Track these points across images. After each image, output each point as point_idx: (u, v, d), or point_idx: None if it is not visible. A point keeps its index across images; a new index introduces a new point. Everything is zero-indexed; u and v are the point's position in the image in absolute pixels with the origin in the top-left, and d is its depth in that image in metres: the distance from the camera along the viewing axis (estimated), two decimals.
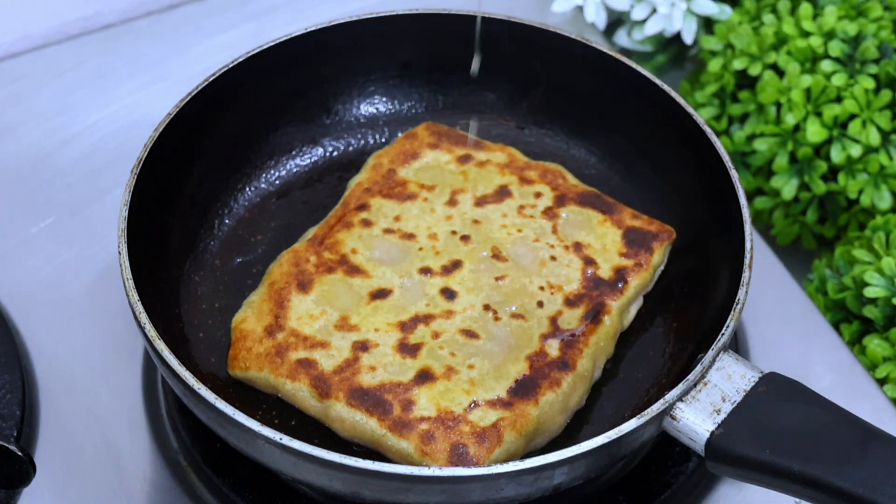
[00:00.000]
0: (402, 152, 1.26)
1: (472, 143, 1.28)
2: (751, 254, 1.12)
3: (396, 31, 1.30)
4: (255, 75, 1.26)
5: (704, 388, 1.06)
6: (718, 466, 1.05)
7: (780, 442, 1.02)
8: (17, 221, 1.34)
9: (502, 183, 1.24)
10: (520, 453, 1.09)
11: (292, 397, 1.12)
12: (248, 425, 1.01)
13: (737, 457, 1.03)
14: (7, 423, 1.17)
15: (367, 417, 1.09)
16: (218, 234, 1.26)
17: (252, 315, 1.15)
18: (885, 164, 1.33)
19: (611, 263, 1.18)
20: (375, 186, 1.24)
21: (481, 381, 1.10)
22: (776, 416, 1.04)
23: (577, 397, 1.13)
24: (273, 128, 1.30)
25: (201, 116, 1.23)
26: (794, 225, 1.40)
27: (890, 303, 1.24)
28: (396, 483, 1.00)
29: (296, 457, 1.01)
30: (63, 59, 1.48)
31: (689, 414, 1.05)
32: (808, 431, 1.02)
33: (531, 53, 1.30)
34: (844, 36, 1.36)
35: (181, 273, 1.21)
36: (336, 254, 1.18)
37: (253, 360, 1.13)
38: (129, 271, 1.09)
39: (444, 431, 1.07)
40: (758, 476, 1.03)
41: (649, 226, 1.21)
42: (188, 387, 1.04)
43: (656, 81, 1.24)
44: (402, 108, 1.35)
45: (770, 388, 1.06)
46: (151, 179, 1.17)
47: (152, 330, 1.07)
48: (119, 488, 1.17)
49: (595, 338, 1.14)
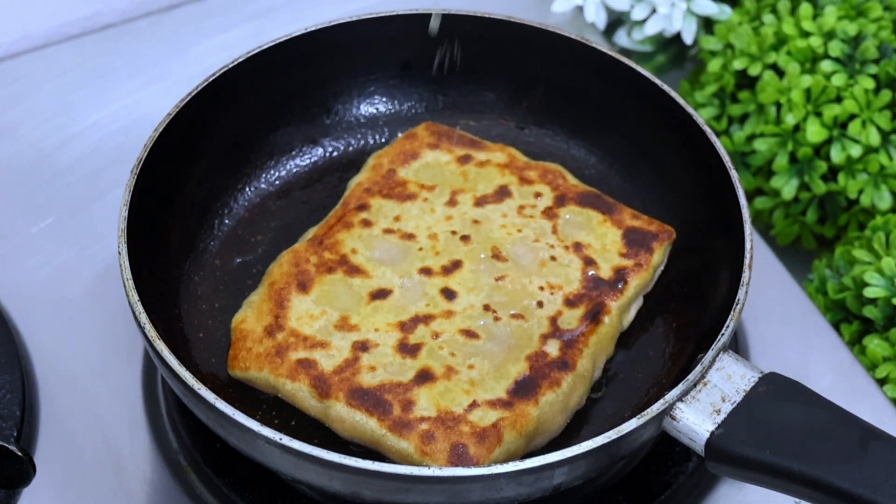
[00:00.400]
0: (402, 152, 1.26)
1: (471, 143, 1.28)
2: (751, 254, 1.12)
3: (396, 32, 1.30)
4: (255, 75, 1.26)
5: (704, 388, 1.06)
6: (718, 466, 1.05)
7: (780, 442, 1.02)
8: (17, 221, 1.34)
9: (502, 183, 1.24)
10: (520, 453, 1.09)
11: (292, 397, 1.12)
12: (248, 425, 1.01)
13: (737, 457, 1.03)
14: (7, 423, 1.17)
15: (367, 417, 1.09)
16: (218, 234, 1.26)
17: (252, 315, 1.15)
18: (885, 164, 1.33)
19: (611, 263, 1.18)
20: (375, 186, 1.24)
21: (481, 382, 1.10)
22: (776, 417, 1.04)
23: (577, 397, 1.13)
24: (273, 128, 1.30)
25: (201, 116, 1.23)
26: (794, 225, 1.40)
27: (890, 303, 1.24)
28: (396, 483, 1.00)
29: (295, 457, 1.01)
30: (63, 59, 1.48)
31: (688, 414, 1.05)
32: (808, 431, 1.02)
33: (531, 53, 1.30)
34: (844, 36, 1.36)
35: (181, 273, 1.21)
36: (336, 254, 1.18)
37: (253, 361, 1.13)
38: (128, 271, 1.09)
39: (444, 431, 1.07)
40: (758, 476, 1.03)
41: (649, 226, 1.21)
42: (188, 387, 1.04)
43: (656, 82, 1.24)
44: (402, 108, 1.35)
45: (770, 388, 1.06)
46: (151, 179, 1.17)
47: (152, 330, 1.07)
48: (119, 488, 1.17)
49: (595, 338, 1.14)
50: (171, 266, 1.20)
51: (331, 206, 1.26)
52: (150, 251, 1.16)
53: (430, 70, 1.33)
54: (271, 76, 1.27)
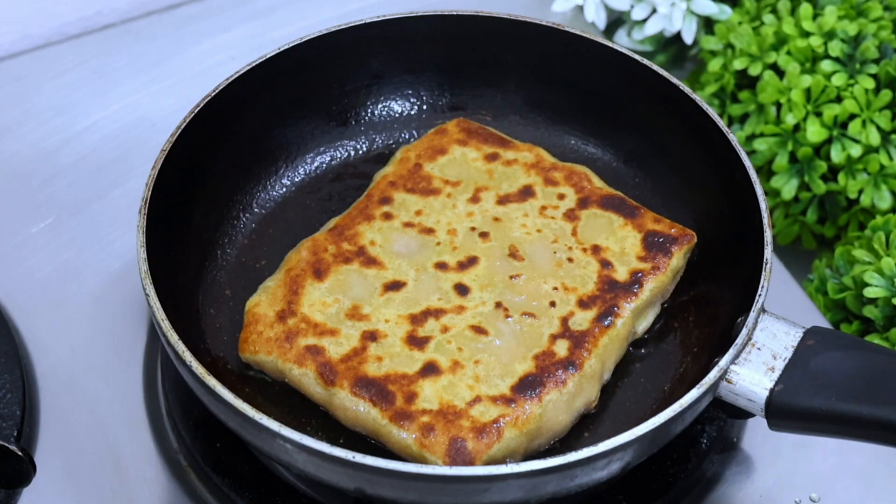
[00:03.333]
0: (431, 147, 1.27)
1: (501, 141, 1.27)
2: (768, 213, 1.13)
3: (409, 33, 1.30)
4: (285, 71, 1.27)
5: (753, 349, 1.07)
6: (782, 423, 1.06)
7: (843, 389, 1.03)
8: (17, 221, 1.34)
9: (527, 183, 1.24)
10: (521, 451, 1.09)
11: (298, 383, 1.12)
12: (268, 424, 1.02)
13: (802, 410, 1.04)
14: (7, 423, 1.17)
15: (369, 407, 1.09)
16: (236, 237, 1.26)
17: (266, 300, 1.16)
18: (885, 164, 1.33)
19: (628, 266, 1.18)
20: (400, 180, 1.24)
21: (486, 378, 1.10)
22: (832, 366, 1.05)
23: (583, 398, 1.12)
24: (285, 126, 1.30)
25: (214, 123, 1.23)
26: (794, 225, 1.40)
27: (890, 303, 1.24)
28: (473, 485, 1.01)
29: (327, 460, 1.01)
30: (63, 59, 1.48)
31: (744, 376, 1.06)
32: (867, 376, 1.03)
33: (552, 54, 1.30)
34: (844, 36, 1.36)
35: (203, 272, 1.22)
36: (354, 245, 1.19)
37: (262, 344, 1.13)
38: (150, 280, 1.09)
39: (445, 425, 1.07)
40: (825, 426, 1.04)
41: (670, 230, 1.20)
42: (199, 378, 1.05)
43: (675, 82, 1.23)
44: (418, 109, 1.35)
45: (818, 340, 1.07)
46: (175, 167, 1.17)
47: (165, 320, 1.07)
48: (119, 488, 1.17)
49: (605, 339, 1.14)
50: (191, 268, 1.21)
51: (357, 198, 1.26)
52: (169, 254, 1.16)
53: (444, 71, 1.33)
54: (291, 76, 1.28)
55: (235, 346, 1.16)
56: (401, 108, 1.34)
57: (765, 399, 1.06)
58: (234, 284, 1.22)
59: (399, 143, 1.33)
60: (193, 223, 1.22)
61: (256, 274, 1.22)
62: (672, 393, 1.14)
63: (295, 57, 1.27)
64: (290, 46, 1.26)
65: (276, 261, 1.22)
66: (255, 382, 1.15)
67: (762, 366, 1.07)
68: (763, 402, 1.06)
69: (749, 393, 1.06)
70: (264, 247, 1.25)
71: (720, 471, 1.18)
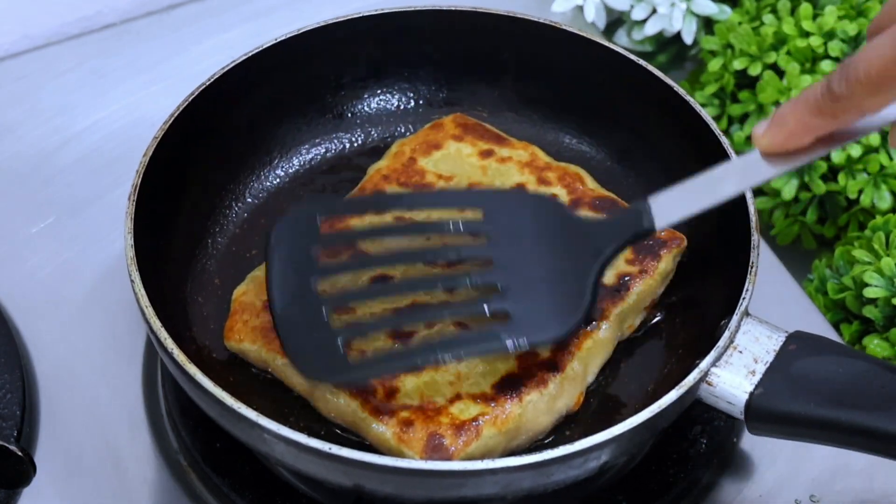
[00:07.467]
0: (426, 142, 1.27)
1: (496, 138, 1.27)
2: (756, 217, 1.12)
3: (406, 28, 1.30)
4: (281, 62, 1.27)
5: (734, 352, 1.07)
6: (761, 427, 1.06)
7: (823, 394, 1.02)
8: (17, 221, 1.34)
9: (520, 181, 1.24)
10: (499, 450, 1.09)
11: (282, 373, 1.12)
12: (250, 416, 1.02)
13: (780, 414, 1.04)
14: (7, 423, 1.17)
15: (349, 399, 1.09)
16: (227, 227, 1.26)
17: (253, 289, 1.16)
18: (885, 164, 1.33)
19: (615, 270, 1.17)
20: (394, 174, 1.24)
21: (468, 375, 1.10)
22: (812, 371, 1.04)
23: (565, 400, 1.12)
24: (280, 117, 1.30)
25: (209, 112, 1.23)
26: (794, 225, 1.40)
27: (890, 303, 1.24)
28: (450, 479, 1.01)
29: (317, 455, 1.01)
30: (63, 59, 1.48)
31: (724, 378, 1.06)
32: (848, 382, 1.03)
33: (550, 52, 1.30)
34: (844, 36, 1.36)
35: (192, 260, 1.22)
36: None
37: (248, 333, 1.13)
38: (135, 267, 1.09)
39: (423, 421, 1.07)
40: (803, 431, 1.04)
41: (659, 233, 1.20)
42: (192, 379, 1.05)
43: (679, 91, 1.23)
44: (414, 103, 1.35)
45: (800, 345, 1.07)
46: (164, 165, 1.17)
47: (155, 318, 1.07)
48: (119, 488, 1.17)
49: (589, 342, 1.14)
50: (177, 260, 1.21)
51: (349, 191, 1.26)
52: (157, 247, 1.16)
53: (439, 67, 1.33)
54: (281, 70, 1.28)
55: (222, 336, 1.16)
56: (397, 102, 1.35)
57: (744, 402, 1.05)
58: (223, 273, 1.22)
59: (395, 136, 1.33)
60: (184, 212, 1.22)
61: (247, 263, 1.22)
62: (655, 393, 1.13)
63: (291, 48, 1.27)
64: (286, 38, 1.26)
65: None
66: (241, 372, 1.15)
67: (743, 369, 1.06)
68: (742, 406, 1.05)
69: (729, 396, 1.06)
70: (255, 237, 1.25)
71: (720, 471, 1.18)
